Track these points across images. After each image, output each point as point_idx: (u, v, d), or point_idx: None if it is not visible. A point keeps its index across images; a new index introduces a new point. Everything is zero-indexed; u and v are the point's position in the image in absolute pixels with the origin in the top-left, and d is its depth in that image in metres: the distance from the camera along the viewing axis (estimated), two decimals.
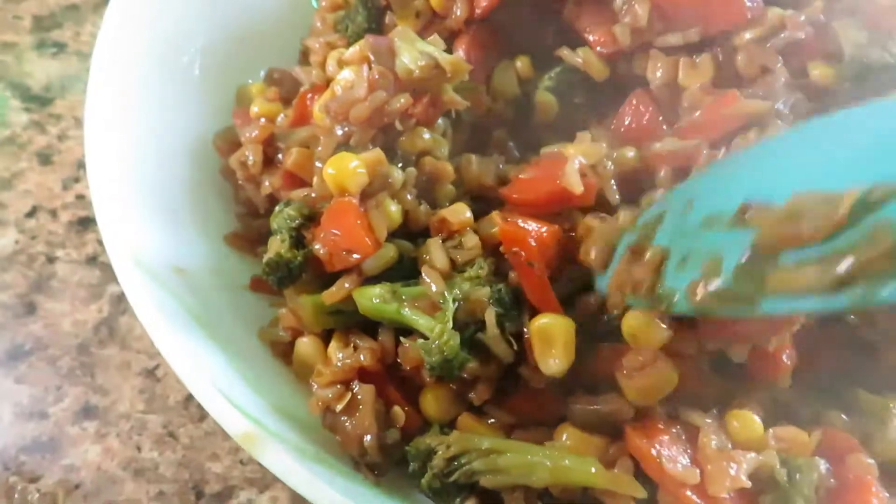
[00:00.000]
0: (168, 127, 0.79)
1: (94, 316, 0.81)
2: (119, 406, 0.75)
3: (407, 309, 0.59)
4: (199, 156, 0.80)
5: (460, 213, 0.65)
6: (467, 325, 0.58)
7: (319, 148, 0.72)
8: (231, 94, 0.87)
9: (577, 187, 0.66)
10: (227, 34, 0.89)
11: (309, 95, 0.77)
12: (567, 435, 0.57)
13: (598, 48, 0.79)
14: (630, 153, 0.73)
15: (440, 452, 0.55)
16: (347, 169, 0.63)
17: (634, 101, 0.78)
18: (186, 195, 0.76)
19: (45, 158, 0.94)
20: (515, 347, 0.57)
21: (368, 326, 0.64)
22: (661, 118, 0.78)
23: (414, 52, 0.72)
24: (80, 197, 0.91)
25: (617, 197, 0.70)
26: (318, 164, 0.71)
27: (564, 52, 0.80)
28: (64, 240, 0.87)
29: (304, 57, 0.93)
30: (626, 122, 0.78)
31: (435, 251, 0.62)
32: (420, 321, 0.58)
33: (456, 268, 0.62)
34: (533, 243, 0.60)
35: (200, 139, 0.81)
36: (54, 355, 0.78)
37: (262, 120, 0.76)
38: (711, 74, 0.76)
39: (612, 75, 0.79)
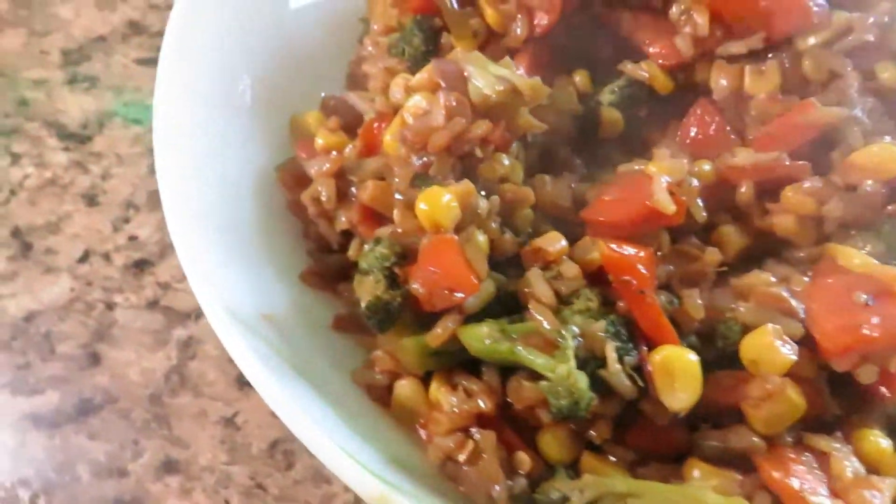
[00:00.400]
0: (230, 162, 0.76)
1: (163, 363, 0.78)
2: (200, 458, 0.72)
3: (521, 348, 0.57)
4: (263, 191, 0.77)
5: (556, 241, 0.63)
6: (586, 361, 0.56)
7: (396, 179, 0.70)
8: (281, 123, 0.84)
9: (669, 207, 0.64)
10: (274, 60, 0.87)
11: (376, 124, 0.74)
12: (698, 471, 0.55)
13: (660, 60, 0.77)
14: (706, 167, 0.72)
15: (574, 499, 0.53)
16: (441, 204, 0.61)
17: (699, 112, 0.77)
18: (256, 234, 0.73)
19: (90, 199, 0.91)
20: (641, 384, 0.55)
21: (467, 365, 0.63)
22: (728, 128, 0.77)
23: (488, 76, 0.70)
24: (133, 238, 0.88)
25: (704, 214, 0.68)
26: (397, 196, 0.68)
27: (628, 67, 0.78)
28: (121, 284, 0.84)
29: (353, 81, 0.91)
30: (693, 134, 0.77)
31: (538, 284, 0.60)
32: (538, 361, 0.56)
33: (561, 300, 0.60)
34: (643, 270, 0.58)
35: (260, 173, 0.79)
36: (126, 408, 0.75)
37: (333, 153, 0.73)
38: (779, 81, 0.75)
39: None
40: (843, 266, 0.63)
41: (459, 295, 0.59)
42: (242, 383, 0.77)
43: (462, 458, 0.55)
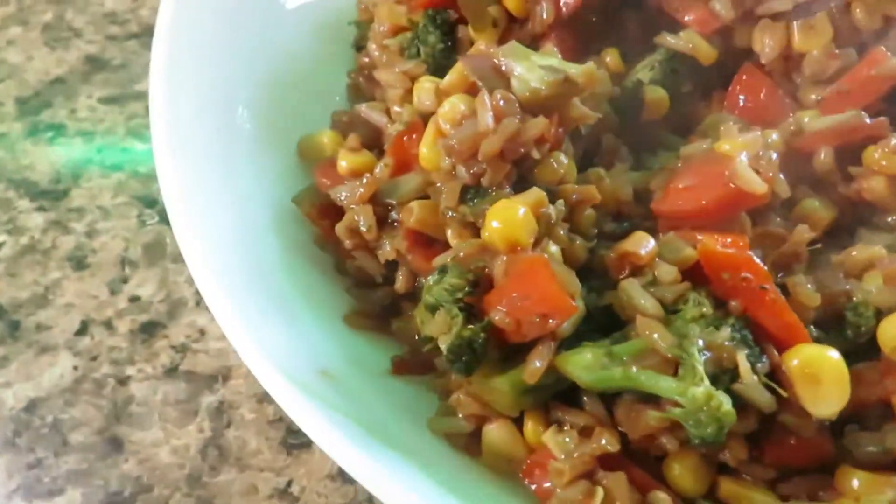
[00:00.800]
0: (244, 200, 0.67)
1: (196, 437, 0.68)
2: None
3: (637, 372, 0.49)
4: (284, 227, 0.68)
5: (644, 242, 0.56)
6: (716, 377, 0.48)
7: (443, 196, 0.61)
8: (288, 148, 0.75)
9: (758, 185, 0.58)
10: (268, 80, 0.77)
11: (405, 137, 0.66)
12: (858, 480, 0.48)
13: (698, 28, 0.71)
14: (774, 136, 0.65)
15: None
16: (517, 219, 0.53)
17: (745, 78, 0.71)
18: (288, 277, 0.64)
19: (78, 262, 0.80)
20: (784, 394, 0.48)
21: (558, 396, 0.55)
22: (780, 93, 0.71)
23: (534, 68, 0.62)
24: (135, 299, 0.77)
25: (787, 188, 0.62)
26: (449, 214, 0.60)
27: (667, 39, 0.71)
28: (131, 354, 0.74)
29: (355, 93, 0.82)
30: (741, 103, 0.71)
31: (638, 295, 0.52)
32: (662, 384, 0.48)
33: (665, 309, 0.52)
34: (760, 263, 0.51)
35: (277, 207, 0.70)
36: (163, 496, 0.65)
37: (365, 176, 0.64)
38: (831, 34, 0.69)
39: None
40: None
41: (554, 321, 0.51)
42: (291, 447, 0.68)
43: None
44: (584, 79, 0.61)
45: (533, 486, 0.52)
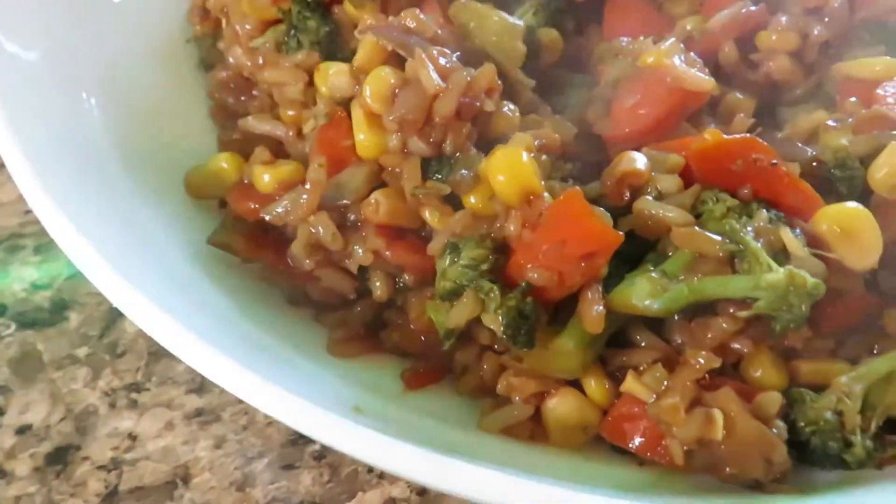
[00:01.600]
0: (163, 260, 0.54)
1: None
2: None
3: (700, 282, 0.46)
4: (218, 273, 0.57)
5: (636, 160, 0.53)
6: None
7: (405, 178, 0.54)
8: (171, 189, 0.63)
9: (706, 81, 0.58)
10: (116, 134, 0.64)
11: (330, 132, 0.57)
12: None
13: None
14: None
15: (847, 406, 0.44)
16: (524, 165, 0.48)
17: (616, 4, 0.73)
18: (255, 325, 0.53)
19: None
20: (832, 256, 0.47)
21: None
22: (649, 8, 0.74)
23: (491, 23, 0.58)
24: (25, 429, 0.59)
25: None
26: (419, 193, 0.53)
27: None
28: (47, 496, 0.56)
29: (223, 111, 0.71)
30: (619, 28, 0.72)
31: (661, 209, 0.49)
32: (733, 285, 0.45)
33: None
34: (762, 142, 0.51)
35: (196, 254, 0.58)
36: None
37: (307, 185, 0.54)
38: None
39: None
40: (863, 77, 0.62)
41: (601, 258, 0.46)
42: None
43: (719, 435, 0.43)
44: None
45: (628, 444, 0.46)
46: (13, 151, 0.50)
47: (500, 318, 0.46)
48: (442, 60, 0.54)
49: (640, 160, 0.53)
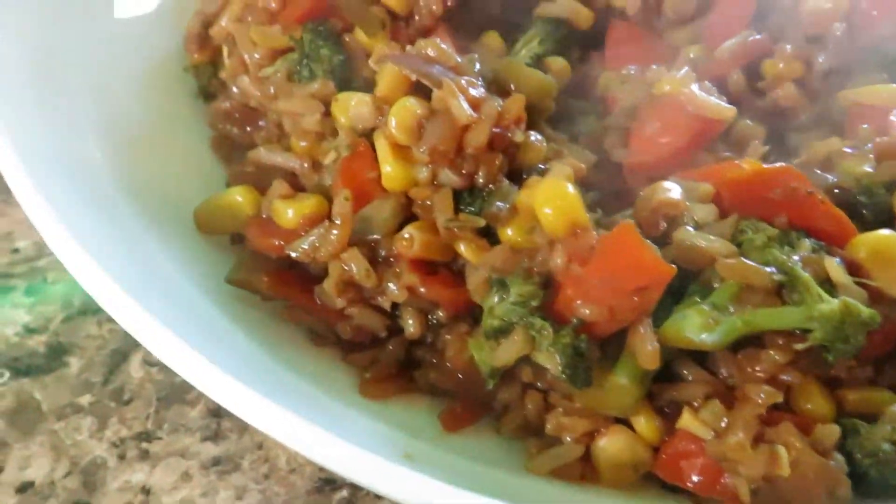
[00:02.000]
0: (176, 282, 0.52)
1: None
2: None
3: (751, 314, 0.46)
4: (242, 314, 0.54)
5: (669, 189, 0.52)
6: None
7: (436, 211, 0.52)
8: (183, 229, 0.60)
9: (726, 109, 0.59)
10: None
11: (354, 164, 0.55)
12: None
13: None
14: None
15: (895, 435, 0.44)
16: (569, 196, 0.47)
17: (617, 32, 0.73)
18: (278, 360, 0.50)
19: None
20: (873, 284, 0.48)
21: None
22: (650, 37, 0.74)
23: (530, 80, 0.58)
24: (26, 487, 0.55)
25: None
26: (452, 226, 0.51)
27: (547, 7, 0.71)
28: None
29: (222, 143, 0.69)
30: (619, 56, 0.73)
31: (702, 241, 0.49)
32: (787, 316, 0.45)
33: None
34: (798, 169, 0.51)
35: (219, 295, 0.55)
36: None
37: (336, 220, 0.52)
38: None
39: None
40: (871, 103, 0.63)
41: (654, 292, 0.45)
42: None
43: (786, 471, 0.42)
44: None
45: (686, 482, 0.45)
46: (30, 191, 0.47)
47: (557, 356, 0.44)
48: (472, 91, 0.53)
49: (674, 190, 0.52)
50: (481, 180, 0.52)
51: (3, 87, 0.55)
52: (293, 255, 0.53)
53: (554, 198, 0.47)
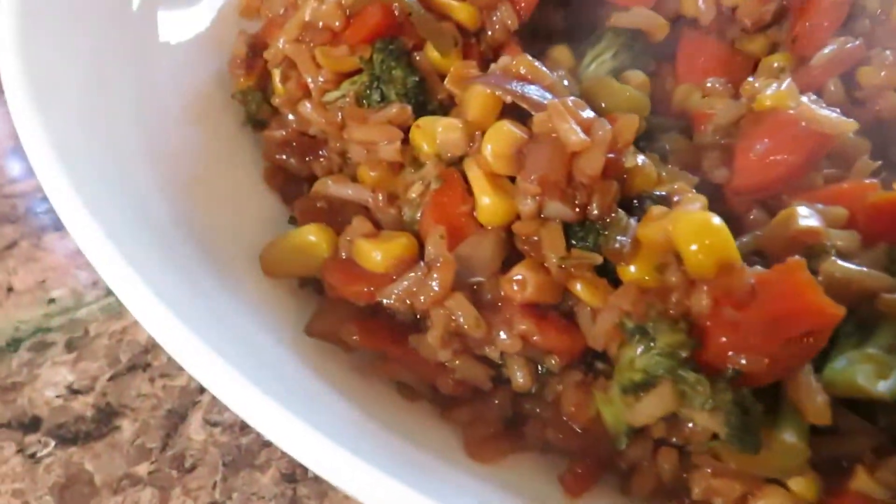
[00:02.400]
0: (249, 333, 0.46)
1: None
2: None
3: None
4: (311, 359, 0.48)
5: (809, 215, 0.47)
6: None
7: (545, 248, 0.47)
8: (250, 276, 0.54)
9: (847, 122, 0.54)
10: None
11: (445, 198, 0.49)
12: None
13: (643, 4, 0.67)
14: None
15: None
16: (718, 231, 0.41)
17: (691, 43, 0.69)
18: (371, 417, 0.44)
19: None
20: None
21: None
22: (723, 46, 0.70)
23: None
24: None
25: None
26: (565, 265, 0.45)
27: (621, 17, 0.65)
28: None
29: (278, 175, 0.63)
30: (693, 67, 0.68)
31: (859, 274, 0.43)
32: None
33: None
34: None
35: (298, 354, 0.48)
36: None
37: (437, 261, 0.46)
38: None
39: None
40: None
41: (821, 337, 0.40)
42: None
43: None
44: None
45: None
46: (99, 239, 0.41)
47: (720, 415, 0.39)
48: (581, 113, 0.47)
49: (812, 216, 0.47)
50: (595, 212, 0.47)
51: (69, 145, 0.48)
52: (386, 302, 0.47)
53: (701, 234, 0.41)
